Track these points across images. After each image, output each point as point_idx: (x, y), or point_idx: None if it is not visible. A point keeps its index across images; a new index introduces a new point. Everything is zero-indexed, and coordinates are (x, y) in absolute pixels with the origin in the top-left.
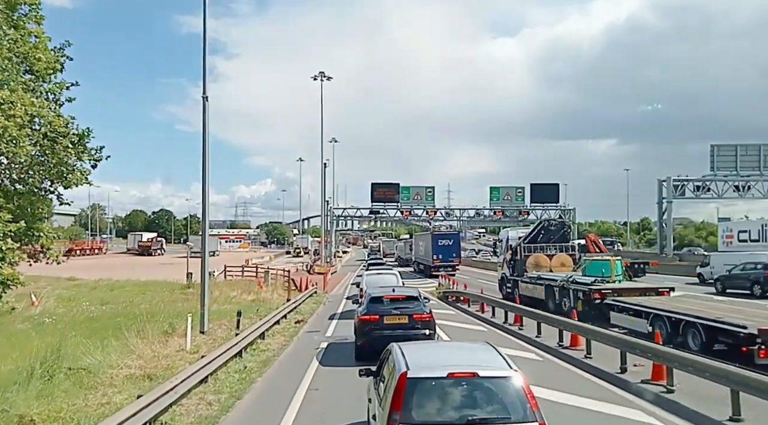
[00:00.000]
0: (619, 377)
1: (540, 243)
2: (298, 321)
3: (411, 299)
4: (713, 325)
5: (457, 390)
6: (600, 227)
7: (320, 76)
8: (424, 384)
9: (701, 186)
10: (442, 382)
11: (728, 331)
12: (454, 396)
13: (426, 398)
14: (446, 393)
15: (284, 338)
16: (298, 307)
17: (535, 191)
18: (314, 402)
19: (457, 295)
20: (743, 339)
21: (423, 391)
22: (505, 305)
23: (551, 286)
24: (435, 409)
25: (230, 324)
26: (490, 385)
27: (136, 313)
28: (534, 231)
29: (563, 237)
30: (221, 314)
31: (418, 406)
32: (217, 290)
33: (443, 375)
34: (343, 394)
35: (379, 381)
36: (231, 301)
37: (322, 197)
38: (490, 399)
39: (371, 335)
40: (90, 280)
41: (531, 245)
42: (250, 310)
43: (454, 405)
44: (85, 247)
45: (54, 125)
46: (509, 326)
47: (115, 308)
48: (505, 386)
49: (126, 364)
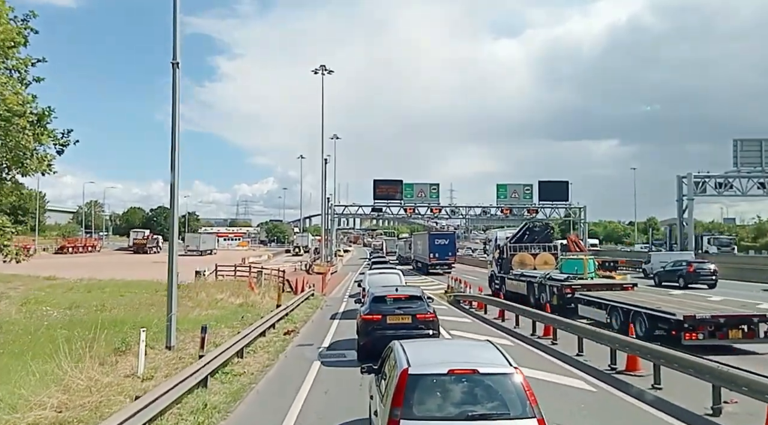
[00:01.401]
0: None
1: (525, 243)
2: (288, 331)
3: (414, 298)
4: (653, 313)
5: (458, 386)
6: (606, 227)
7: (321, 69)
8: (425, 380)
9: (723, 183)
10: (443, 379)
11: (663, 318)
12: (455, 393)
13: (427, 394)
14: (447, 389)
15: (268, 355)
16: (290, 313)
17: (543, 189)
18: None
19: (470, 299)
20: (674, 324)
21: (424, 387)
22: (533, 314)
23: (531, 282)
24: (435, 405)
25: (212, 334)
26: (489, 382)
27: (101, 321)
28: (520, 232)
29: (546, 238)
30: (200, 322)
31: (419, 402)
32: (204, 291)
33: (444, 372)
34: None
35: (381, 378)
36: (216, 305)
37: (322, 194)
38: (489, 396)
39: (374, 335)
40: (71, 279)
41: (517, 245)
42: (235, 317)
43: (454, 401)
44: (78, 244)
45: (8, 103)
46: (539, 338)
47: (81, 313)
48: (505, 383)
49: (40, 402)
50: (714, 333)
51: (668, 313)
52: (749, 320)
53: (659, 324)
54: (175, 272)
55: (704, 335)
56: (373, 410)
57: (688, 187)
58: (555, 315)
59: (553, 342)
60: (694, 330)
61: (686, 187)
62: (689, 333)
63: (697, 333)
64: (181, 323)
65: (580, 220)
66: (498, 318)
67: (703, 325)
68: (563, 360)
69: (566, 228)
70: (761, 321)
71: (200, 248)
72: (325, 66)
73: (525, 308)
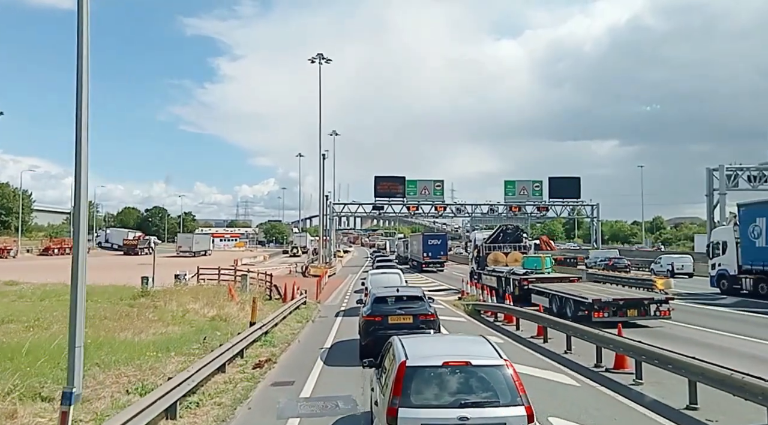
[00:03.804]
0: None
1: (499, 243)
2: (260, 362)
3: (415, 299)
4: (575, 299)
5: (452, 377)
6: (612, 226)
7: (318, 58)
8: (422, 372)
9: (758, 176)
10: (438, 370)
11: (582, 302)
12: (449, 383)
13: (423, 384)
14: (442, 379)
15: (218, 411)
16: (272, 330)
17: (553, 186)
18: None
19: (496, 311)
20: (587, 306)
21: (421, 378)
22: (593, 336)
23: (500, 277)
24: (431, 394)
25: (152, 370)
26: (481, 373)
27: (14, 346)
28: (495, 233)
29: (517, 238)
30: (149, 347)
31: (416, 392)
32: (176, 300)
33: (439, 364)
34: None
35: (381, 371)
36: (182, 319)
37: (320, 191)
38: (481, 385)
39: (376, 335)
40: (33, 284)
41: (492, 245)
42: (199, 337)
43: (448, 391)
44: (65, 245)
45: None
46: (609, 372)
47: (7, 330)
48: (495, 373)
49: None
50: (616, 312)
51: (584, 298)
52: (641, 302)
53: (580, 307)
54: (81, 286)
55: (608, 313)
56: (373, 401)
57: (719, 181)
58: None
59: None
60: (601, 310)
61: (717, 181)
62: (597, 312)
63: (603, 312)
64: (121, 349)
65: (593, 218)
66: (538, 337)
67: (607, 306)
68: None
69: (570, 228)
70: (650, 303)
71: (193, 250)
72: (323, 54)
73: (578, 326)
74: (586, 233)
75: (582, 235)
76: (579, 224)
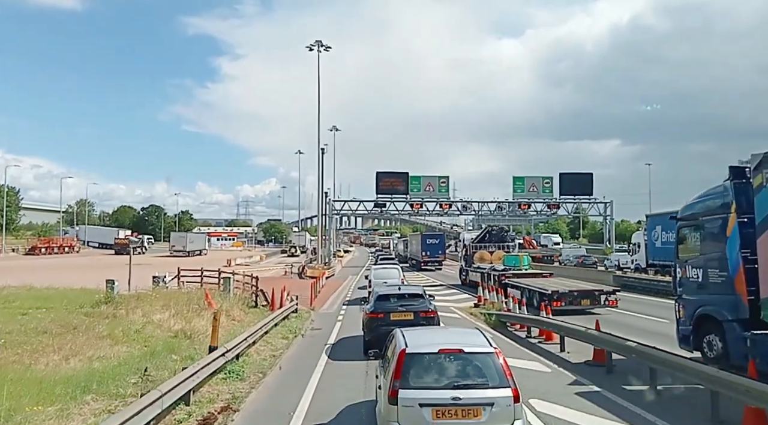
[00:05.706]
0: None
1: (485, 243)
2: (210, 417)
3: (416, 296)
4: (539, 291)
5: (447, 362)
6: (618, 225)
7: (317, 44)
8: (420, 358)
9: None
10: (434, 356)
11: (544, 293)
12: (444, 368)
13: (421, 369)
14: (437, 365)
15: None
16: (246, 351)
17: (564, 182)
18: None
19: (528, 324)
20: (548, 297)
21: (419, 364)
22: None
23: (483, 273)
24: (428, 378)
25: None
26: (473, 359)
27: None
28: (481, 234)
29: (502, 239)
30: (64, 383)
31: (415, 375)
32: (143, 308)
33: (435, 351)
34: None
35: (385, 361)
36: (139, 334)
37: (319, 187)
38: (473, 370)
39: (378, 330)
40: None
41: (478, 244)
42: (143, 364)
43: (443, 375)
44: (53, 244)
45: None
46: None
47: None
48: (486, 359)
49: None
50: (572, 302)
51: (545, 290)
52: (593, 293)
53: (544, 297)
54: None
55: (565, 303)
56: (377, 386)
57: None
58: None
59: None
60: (559, 300)
61: None
62: (556, 302)
63: (561, 302)
64: (26, 388)
65: (605, 216)
66: (593, 363)
67: (564, 297)
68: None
69: (575, 227)
70: (600, 294)
71: (187, 249)
72: (321, 41)
73: (646, 350)
74: (591, 232)
75: (587, 234)
76: (584, 224)
